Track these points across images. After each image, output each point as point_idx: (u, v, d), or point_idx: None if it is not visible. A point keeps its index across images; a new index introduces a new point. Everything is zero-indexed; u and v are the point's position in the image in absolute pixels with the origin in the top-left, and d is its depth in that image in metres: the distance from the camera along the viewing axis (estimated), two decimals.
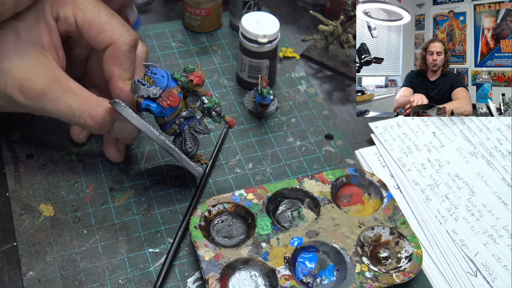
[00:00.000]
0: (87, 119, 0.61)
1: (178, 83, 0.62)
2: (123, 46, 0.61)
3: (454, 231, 0.66)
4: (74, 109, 0.61)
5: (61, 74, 0.61)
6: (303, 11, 0.94)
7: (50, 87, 0.60)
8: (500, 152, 0.75)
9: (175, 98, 0.61)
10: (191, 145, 0.65)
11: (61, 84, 0.61)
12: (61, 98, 0.60)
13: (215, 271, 0.58)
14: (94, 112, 0.61)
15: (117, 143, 0.68)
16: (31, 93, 0.60)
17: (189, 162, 0.64)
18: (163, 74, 0.61)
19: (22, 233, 0.62)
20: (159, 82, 0.61)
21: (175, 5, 0.93)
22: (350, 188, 0.69)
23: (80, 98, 0.61)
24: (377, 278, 0.59)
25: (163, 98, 0.61)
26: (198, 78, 0.61)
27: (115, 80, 0.62)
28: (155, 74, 0.61)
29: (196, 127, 0.64)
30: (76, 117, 0.61)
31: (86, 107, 0.61)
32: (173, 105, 0.61)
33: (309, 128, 0.76)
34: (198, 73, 0.62)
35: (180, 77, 0.62)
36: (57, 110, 0.61)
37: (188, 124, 0.64)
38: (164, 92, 0.61)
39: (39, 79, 0.60)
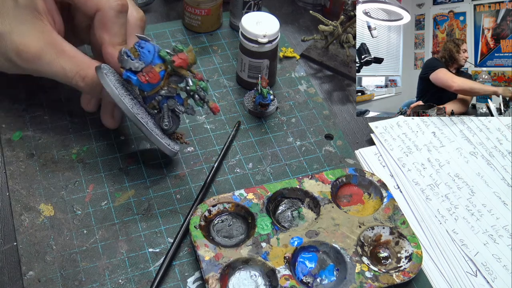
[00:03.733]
0: (79, 80, 0.65)
1: (163, 61, 0.62)
2: (110, 11, 0.63)
3: (454, 231, 0.66)
4: (67, 70, 0.64)
5: (56, 37, 0.65)
6: (303, 11, 0.94)
7: (44, 50, 0.64)
8: (500, 152, 0.75)
9: (155, 75, 0.61)
10: (167, 123, 0.64)
11: (56, 47, 0.64)
12: (55, 61, 0.64)
13: (215, 271, 0.58)
14: (85, 74, 0.64)
15: (113, 111, 0.70)
16: (27, 56, 0.64)
17: (159, 139, 0.64)
18: (150, 49, 0.61)
19: (22, 233, 0.62)
20: (144, 57, 0.61)
21: (175, 5, 0.93)
22: (350, 188, 0.69)
23: (73, 61, 0.64)
24: (377, 278, 0.59)
25: (143, 73, 0.61)
26: (182, 61, 0.61)
27: (105, 46, 0.64)
28: (142, 48, 0.61)
29: (175, 106, 0.64)
30: (69, 78, 0.65)
31: (78, 68, 0.64)
32: (151, 82, 0.61)
33: (309, 128, 0.76)
34: (184, 55, 0.61)
35: (165, 55, 0.61)
36: (52, 72, 0.65)
37: (167, 103, 0.64)
38: (146, 68, 0.61)
39: (34, 43, 0.63)
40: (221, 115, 0.76)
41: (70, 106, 0.74)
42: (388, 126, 0.77)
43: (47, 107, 0.74)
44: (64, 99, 0.75)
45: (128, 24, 0.67)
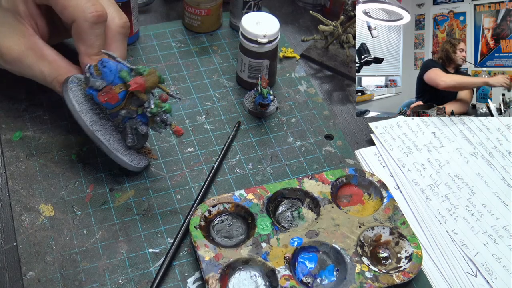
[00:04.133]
0: (56, 85, 0.66)
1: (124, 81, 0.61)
2: (84, 23, 0.63)
3: (454, 231, 0.66)
4: (46, 75, 0.66)
5: (36, 42, 0.66)
6: (303, 11, 0.94)
7: (25, 54, 0.65)
8: (500, 152, 0.75)
9: (113, 96, 0.60)
10: (130, 140, 0.64)
11: (36, 52, 0.65)
12: (35, 64, 0.65)
13: (215, 271, 0.58)
14: (62, 79, 0.65)
15: None
16: (9, 58, 0.66)
17: (119, 156, 0.64)
18: (112, 69, 0.60)
19: (22, 233, 0.62)
20: (105, 76, 0.60)
21: (175, 5, 0.93)
22: (350, 188, 0.69)
23: (52, 65, 0.66)
24: (377, 278, 0.59)
25: (103, 93, 0.60)
26: (137, 85, 0.59)
27: (81, 56, 0.65)
28: (104, 67, 0.60)
29: (137, 126, 0.63)
30: (48, 82, 0.66)
31: (56, 74, 0.65)
32: (110, 102, 0.61)
33: (309, 128, 0.76)
34: (140, 80, 0.60)
35: (125, 77, 0.60)
36: (32, 75, 0.67)
37: (128, 122, 0.63)
38: (105, 87, 0.60)
39: (16, 46, 0.65)
40: (221, 115, 0.76)
41: None
42: (388, 126, 0.77)
43: (47, 107, 0.74)
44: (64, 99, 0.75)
45: (110, 31, 0.66)
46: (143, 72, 0.60)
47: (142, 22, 0.88)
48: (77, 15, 0.63)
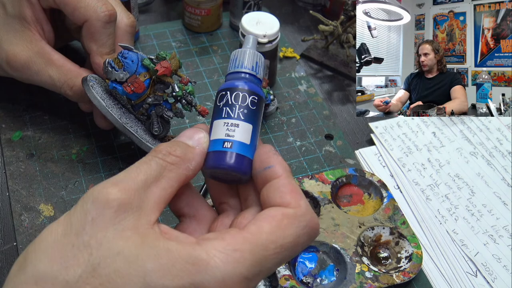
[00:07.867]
0: (67, 89, 0.65)
1: (147, 69, 0.61)
2: (97, 23, 0.63)
3: (454, 231, 0.66)
4: (55, 80, 0.65)
5: (44, 47, 0.65)
6: (303, 11, 0.94)
7: (32, 60, 0.64)
8: (500, 152, 0.75)
9: (140, 85, 0.61)
10: (157, 128, 0.64)
11: (44, 57, 0.65)
12: (43, 70, 0.65)
13: None
14: (73, 83, 0.65)
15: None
16: (16, 65, 0.65)
17: (150, 146, 0.64)
18: (134, 59, 0.61)
19: (22, 233, 0.62)
20: (128, 67, 0.60)
21: (175, 5, 0.93)
22: (350, 188, 0.69)
23: (61, 70, 0.65)
24: (377, 278, 0.59)
25: (128, 83, 0.61)
26: (164, 69, 0.60)
27: (93, 55, 0.64)
28: (125, 58, 0.60)
29: (163, 113, 0.63)
30: (57, 87, 0.66)
31: (66, 78, 0.65)
32: (137, 91, 0.61)
33: (309, 128, 0.76)
34: (166, 63, 0.61)
35: (148, 64, 0.61)
36: (40, 81, 0.66)
37: (154, 109, 0.64)
38: (130, 78, 0.61)
39: (23, 52, 0.64)
40: None
41: (70, 106, 0.74)
42: (388, 126, 0.77)
43: (47, 107, 0.74)
44: (64, 99, 0.75)
45: (118, 30, 0.66)
46: (165, 56, 0.61)
47: (142, 22, 0.88)
48: (89, 14, 0.62)
